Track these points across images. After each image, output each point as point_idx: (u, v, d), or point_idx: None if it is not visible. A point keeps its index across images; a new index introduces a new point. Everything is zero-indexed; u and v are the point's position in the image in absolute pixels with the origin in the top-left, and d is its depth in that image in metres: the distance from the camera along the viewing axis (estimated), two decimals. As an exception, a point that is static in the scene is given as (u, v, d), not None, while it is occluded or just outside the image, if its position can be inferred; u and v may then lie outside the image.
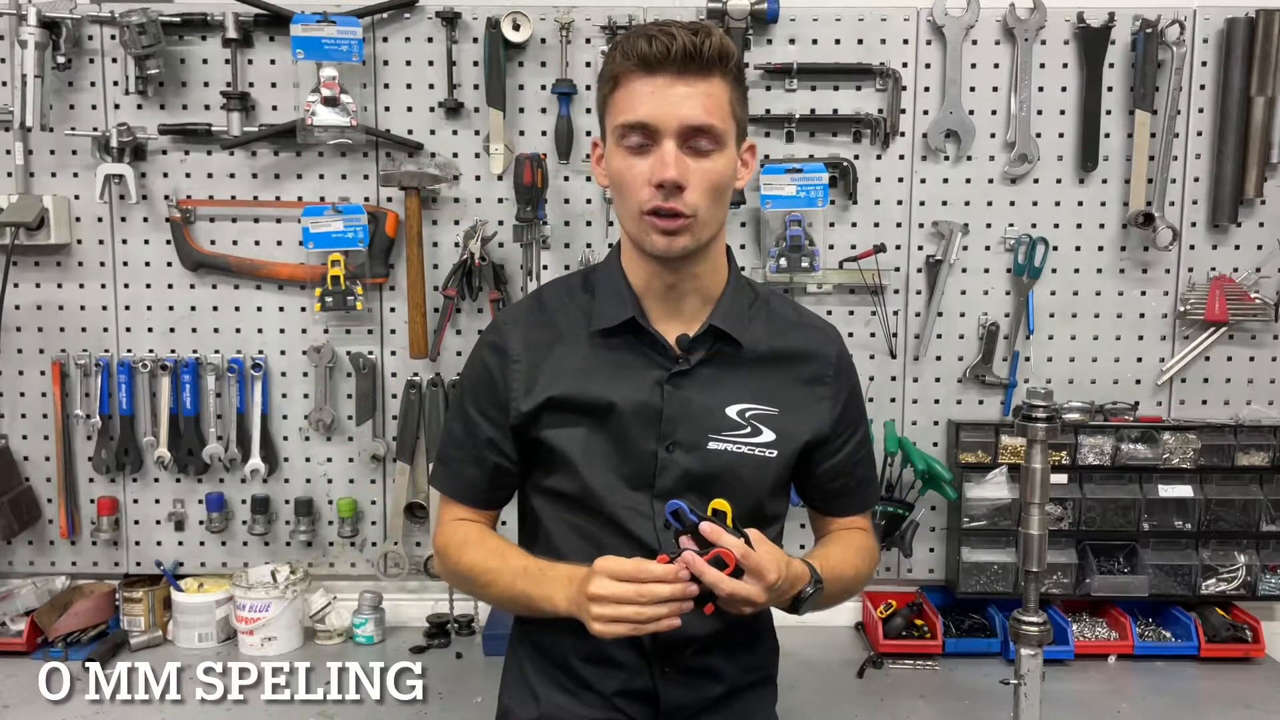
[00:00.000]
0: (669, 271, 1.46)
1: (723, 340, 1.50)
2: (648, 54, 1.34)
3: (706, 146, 1.38)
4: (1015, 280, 2.39)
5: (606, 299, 1.50)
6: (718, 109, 1.37)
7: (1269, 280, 2.37)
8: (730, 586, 1.31)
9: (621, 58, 1.37)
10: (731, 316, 1.50)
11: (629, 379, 1.48)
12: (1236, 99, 2.31)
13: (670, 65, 1.34)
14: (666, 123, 1.36)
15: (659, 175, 1.36)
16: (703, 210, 1.39)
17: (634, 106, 1.36)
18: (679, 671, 1.51)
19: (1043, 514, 1.65)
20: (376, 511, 2.45)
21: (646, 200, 1.38)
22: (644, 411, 1.47)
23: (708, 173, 1.38)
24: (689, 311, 1.50)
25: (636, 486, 1.48)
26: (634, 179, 1.39)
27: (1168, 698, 2.12)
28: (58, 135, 2.33)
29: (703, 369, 1.49)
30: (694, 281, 1.48)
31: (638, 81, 1.36)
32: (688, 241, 1.41)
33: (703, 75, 1.36)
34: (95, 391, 2.39)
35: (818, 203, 2.29)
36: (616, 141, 1.40)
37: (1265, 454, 2.33)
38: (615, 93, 1.39)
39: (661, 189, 1.36)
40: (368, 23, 2.30)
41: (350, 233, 2.29)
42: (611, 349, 1.49)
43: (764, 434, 1.50)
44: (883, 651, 2.26)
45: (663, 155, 1.36)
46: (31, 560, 2.46)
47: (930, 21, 2.32)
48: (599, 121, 1.47)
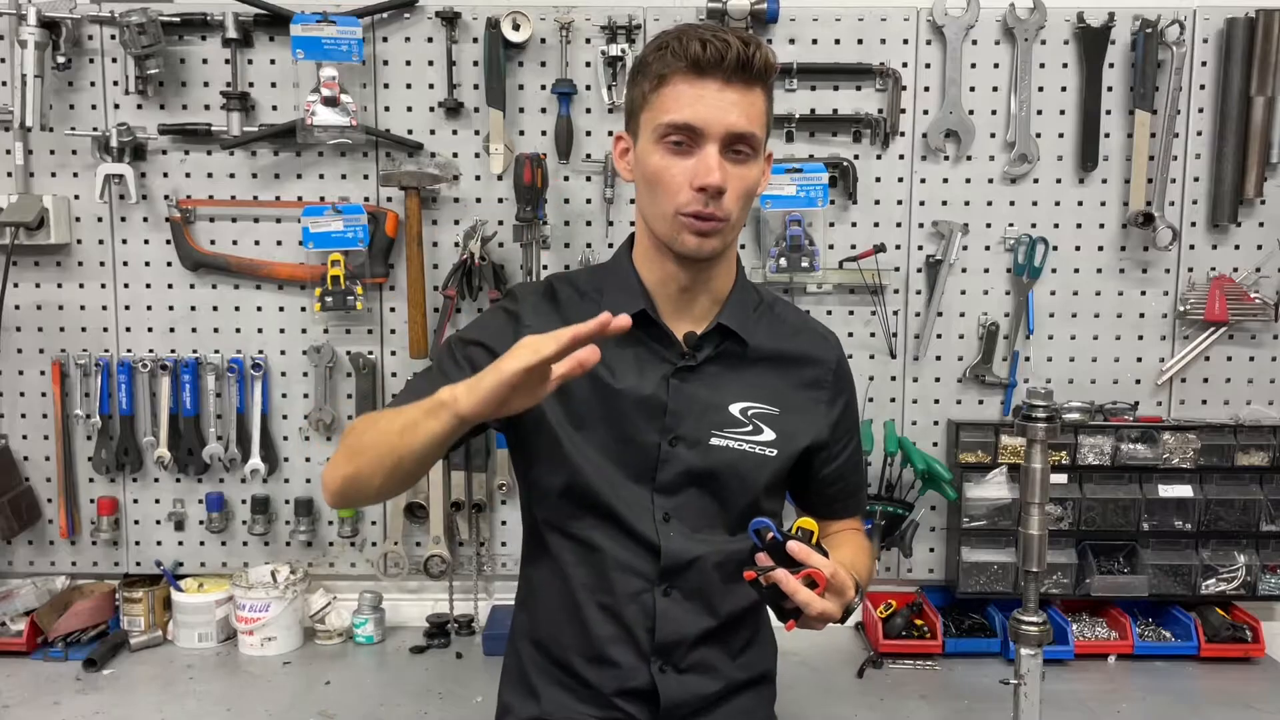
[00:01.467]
0: (687, 272, 1.47)
1: (730, 339, 1.51)
2: (701, 57, 1.35)
3: (745, 154, 1.40)
4: (1015, 280, 2.39)
5: (617, 293, 1.51)
6: (758, 118, 1.40)
7: (1269, 280, 2.37)
8: (820, 606, 1.30)
9: (672, 57, 1.38)
10: (739, 316, 1.52)
11: (635, 371, 1.48)
12: (1236, 99, 2.31)
13: (721, 71, 1.36)
14: (713, 128, 1.37)
15: (703, 180, 1.37)
16: (735, 215, 1.42)
17: (680, 107, 1.37)
18: (678, 670, 1.51)
19: (1043, 514, 1.65)
20: (376, 511, 2.45)
21: (685, 203, 1.39)
22: (648, 404, 1.47)
23: (744, 179, 1.41)
24: (699, 310, 1.51)
25: (637, 479, 1.48)
26: (672, 179, 1.40)
27: (1168, 697, 2.12)
28: (58, 135, 2.34)
29: (709, 366, 1.51)
30: (708, 282, 1.50)
31: (685, 83, 1.37)
32: (718, 244, 1.43)
33: (749, 85, 1.38)
34: (95, 391, 2.39)
35: (818, 203, 2.29)
36: (655, 139, 1.41)
37: (1265, 454, 2.33)
38: (660, 90, 1.40)
39: (703, 192, 1.38)
40: (368, 23, 2.30)
41: (350, 233, 2.29)
42: (620, 342, 1.48)
43: (765, 433, 1.51)
44: (883, 651, 2.26)
45: (707, 160, 1.37)
46: (31, 560, 2.46)
47: (930, 21, 2.32)
48: (629, 116, 1.48)
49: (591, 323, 1.18)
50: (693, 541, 1.48)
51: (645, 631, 1.49)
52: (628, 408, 1.47)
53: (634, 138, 1.47)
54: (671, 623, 1.49)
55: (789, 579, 1.29)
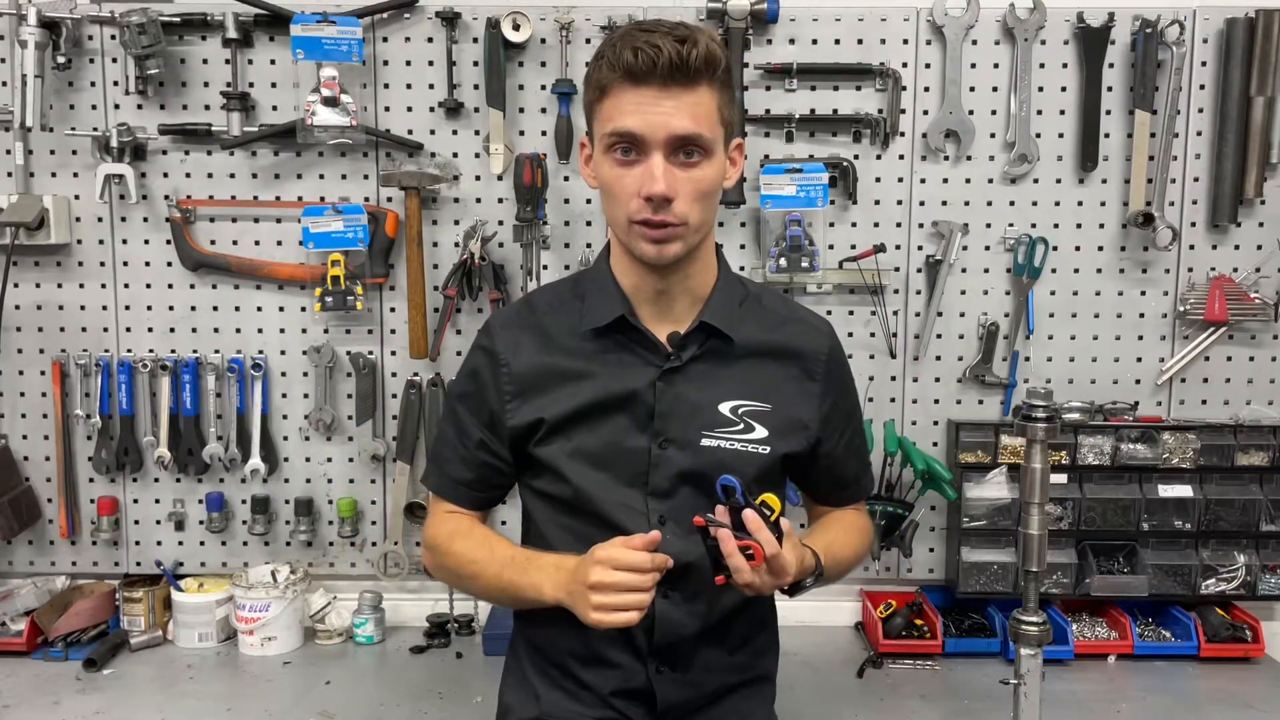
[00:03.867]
0: (660, 277, 1.47)
1: (714, 336, 1.50)
2: (633, 66, 1.33)
3: (695, 155, 1.38)
4: (1015, 280, 2.39)
5: (596, 300, 1.51)
6: (705, 117, 1.37)
7: (1269, 280, 2.37)
8: (748, 579, 1.33)
9: (608, 68, 1.36)
10: (722, 313, 1.50)
11: (620, 377, 1.48)
12: (1236, 99, 2.31)
13: (656, 77, 1.33)
14: (654, 134, 1.35)
15: (647, 189, 1.36)
16: (693, 218, 1.39)
17: (621, 116, 1.36)
18: (675, 671, 1.51)
19: (1043, 514, 1.65)
20: (376, 511, 2.46)
21: (635, 211, 1.38)
22: (636, 409, 1.47)
23: (696, 182, 1.38)
24: (679, 311, 1.50)
25: (630, 484, 1.48)
26: (622, 189, 1.39)
27: (1167, 698, 2.12)
28: (58, 135, 2.34)
29: (695, 365, 1.50)
30: (684, 283, 1.49)
31: (624, 92, 1.35)
32: (678, 249, 1.41)
33: (689, 85, 1.35)
34: (95, 391, 2.39)
35: (817, 203, 2.29)
36: (604, 149, 1.40)
37: (1265, 454, 2.33)
38: (602, 101, 1.39)
39: (650, 201, 1.37)
40: (368, 23, 2.30)
41: (350, 233, 2.30)
42: (603, 349, 1.49)
43: (756, 430, 1.50)
44: (883, 651, 2.26)
45: (651, 169, 1.36)
46: (31, 560, 2.46)
47: (930, 21, 2.32)
48: (587, 124, 1.47)
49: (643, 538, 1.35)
50: (690, 543, 1.48)
51: (643, 633, 1.49)
52: (615, 413, 1.47)
53: (592, 145, 1.46)
54: (670, 625, 1.49)
55: (729, 541, 1.32)
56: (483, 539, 1.54)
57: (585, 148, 1.49)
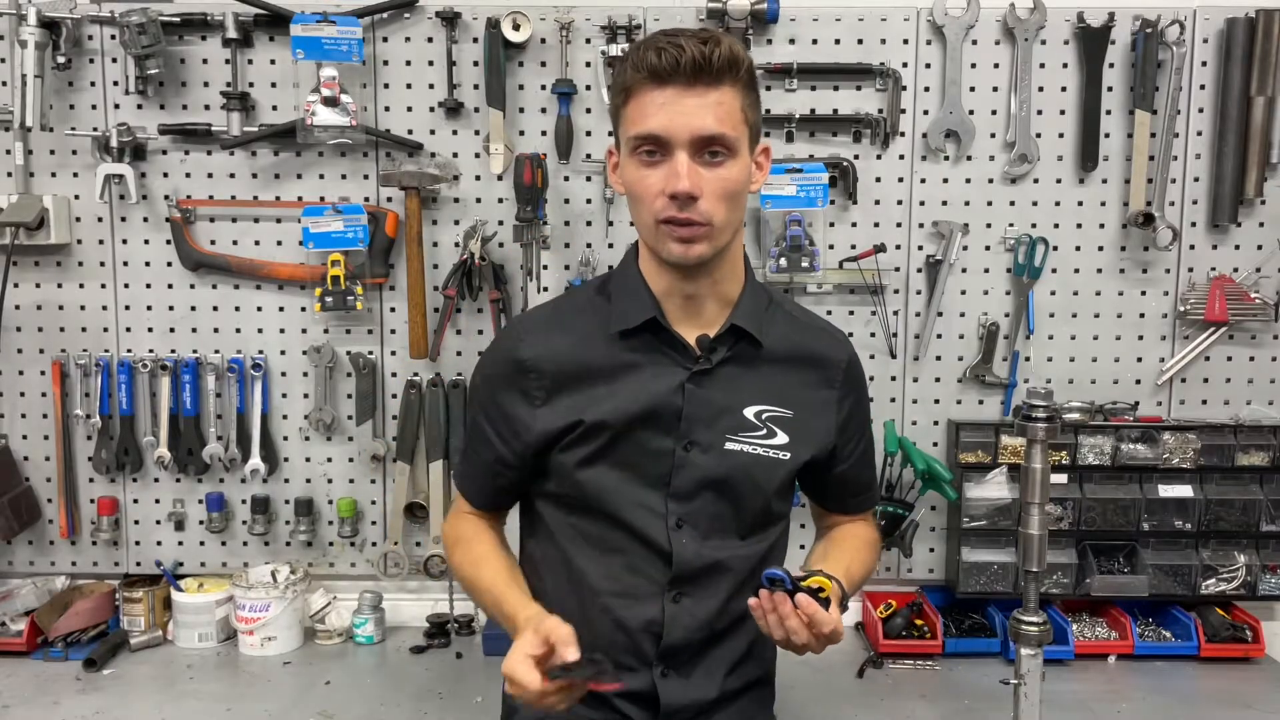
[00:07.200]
0: (688, 281, 1.46)
1: (744, 340, 1.50)
2: (657, 66, 1.34)
3: (719, 155, 1.38)
4: (1015, 280, 2.39)
5: (625, 301, 1.50)
6: (729, 117, 1.38)
7: (1269, 280, 2.37)
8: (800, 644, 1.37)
9: (632, 70, 1.37)
10: (752, 317, 1.50)
11: (649, 379, 1.48)
12: (1236, 99, 2.31)
13: (680, 76, 1.34)
14: (678, 134, 1.36)
15: (672, 187, 1.36)
16: (718, 217, 1.40)
17: (645, 118, 1.37)
18: (680, 674, 1.51)
19: (1043, 514, 1.65)
20: (376, 511, 2.46)
21: (660, 210, 1.39)
22: (664, 410, 1.47)
23: (721, 181, 1.39)
24: (708, 315, 1.50)
25: (652, 485, 1.48)
26: (647, 190, 1.39)
27: (1168, 698, 2.12)
28: (58, 135, 2.34)
29: (723, 368, 1.50)
30: (713, 287, 1.49)
31: (648, 93, 1.37)
32: (704, 249, 1.41)
33: (713, 85, 1.36)
34: (95, 391, 2.39)
35: (818, 203, 2.29)
36: (630, 152, 1.41)
37: (1265, 454, 2.33)
38: (627, 105, 1.40)
39: (675, 200, 1.37)
40: (368, 23, 2.30)
41: (350, 233, 2.29)
42: (631, 350, 1.49)
43: (778, 436, 1.51)
44: (883, 651, 2.26)
45: (675, 167, 1.37)
46: (31, 560, 2.46)
47: (930, 21, 2.32)
48: (614, 131, 1.48)
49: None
50: (704, 548, 1.48)
51: (652, 636, 1.49)
52: (642, 415, 1.47)
53: (619, 152, 1.47)
54: (679, 628, 1.49)
55: (787, 608, 1.35)
56: (476, 558, 1.55)
57: (612, 155, 1.49)
